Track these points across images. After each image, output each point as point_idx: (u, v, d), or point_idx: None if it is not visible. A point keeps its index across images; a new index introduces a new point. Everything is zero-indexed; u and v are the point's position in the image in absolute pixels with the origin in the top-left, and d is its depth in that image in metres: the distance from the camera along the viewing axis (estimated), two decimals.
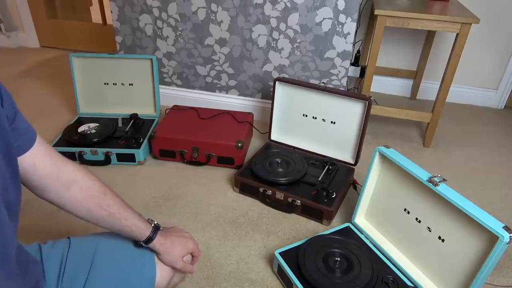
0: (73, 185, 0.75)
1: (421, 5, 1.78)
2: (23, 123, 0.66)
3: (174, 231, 0.90)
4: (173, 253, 0.85)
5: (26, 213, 1.36)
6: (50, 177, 0.71)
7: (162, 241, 0.84)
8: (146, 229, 0.82)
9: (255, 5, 1.80)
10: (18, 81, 2.52)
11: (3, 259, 0.60)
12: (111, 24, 2.40)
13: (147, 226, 0.83)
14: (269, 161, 1.57)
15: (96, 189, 0.78)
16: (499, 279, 1.23)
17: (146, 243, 0.82)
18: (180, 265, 0.86)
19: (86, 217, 0.77)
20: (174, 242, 0.86)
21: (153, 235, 0.82)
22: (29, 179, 0.69)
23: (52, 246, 0.82)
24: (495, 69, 2.31)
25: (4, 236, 0.59)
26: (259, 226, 1.39)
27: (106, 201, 0.78)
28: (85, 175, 0.77)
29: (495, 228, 0.87)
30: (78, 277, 0.78)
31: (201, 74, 2.08)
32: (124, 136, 1.73)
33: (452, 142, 1.99)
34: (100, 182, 0.80)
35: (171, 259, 0.85)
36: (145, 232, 0.82)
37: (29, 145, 0.68)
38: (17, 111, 0.64)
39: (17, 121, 0.64)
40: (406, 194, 1.14)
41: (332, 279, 1.06)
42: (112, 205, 0.78)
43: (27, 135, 0.67)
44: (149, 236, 0.82)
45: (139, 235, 0.81)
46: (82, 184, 0.76)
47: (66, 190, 0.74)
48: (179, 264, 0.86)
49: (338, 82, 1.89)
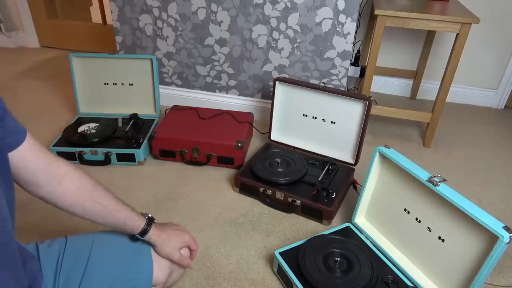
0: (64, 179, 0.75)
1: (421, 5, 1.78)
2: (13, 122, 0.67)
3: (169, 224, 0.91)
4: (169, 245, 0.85)
5: (25, 214, 1.36)
6: (41, 171, 0.72)
7: (157, 233, 0.84)
8: (140, 221, 0.82)
9: (255, 5, 1.80)
10: (18, 81, 2.52)
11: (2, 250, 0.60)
12: (111, 24, 2.40)
13: (140, 218, 0.83)
14: (269, 161, 1.57)
15: (87, 182, 0.78)
16: (499, 279, 1.23)
17: (141, 236, 0.82)
18: (177, 257, 0.86)
19: (79, 212, 0.77)
20: (170, 234, 0.87)
21: (147, 227, 0.83)
22: (21, 174, 0.70)
23: (49, 244, 0.82)
24: (495, 69, 2.31)
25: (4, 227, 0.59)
26: (259, 226, 1.39)
27: (98, 194, 0.78)
28: (75, 170, 0.78)
29: (495, 228, 0.87)
30: (75, 273, 0.78)
31: (201, 74, 2.08)
32: (124, 136, 1.73)
33: (452, 142, 1.99)
34: (90, 177, 0.80)
35: (167, 251, 0.85)
36: (139, 224, 0.82)
37: (20, 141, 0.68)
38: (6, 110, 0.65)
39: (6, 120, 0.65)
40: (406, 194, 1.14)
41: (332, 279, 1.06)
42: (104, 198, 0.79)
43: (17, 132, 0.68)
44: (144, 228, 0.82)
45: (133, 227, 0.82)
46: (73, 178, 0.76)
47: (58, 184, 0.74)
48: (176, 256, 0.86)
49: (338, 82, 1.89)
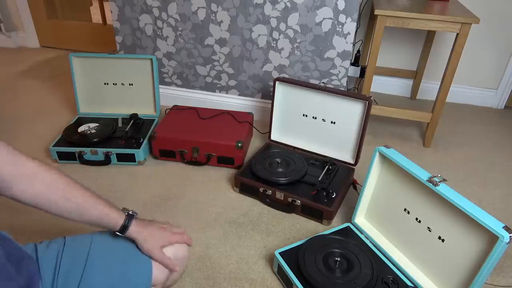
0: (35, 179, 0.74)
1: (421, 5, 1.78)
2: None
3: (155, 222, 0.90)
4: (151, 242, 0.84)
5: (22, 215, 1.36)
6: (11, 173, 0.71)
7: (138, 230, 0.83)
8: (118, 218, 0.81)
9: (255, 5, 1.80)
10: (18, 81, 2.52)
11: None
12: (111, 24, 2.40)
13: (119, 214, 0.82)
14: (269, 161, 1.57)
15: (61, 181, 0.77)
16: (499, 279, 1.23)
17: (121, 232, 0.82)
18: (158, 256, 0.84)
19: (53, 210, 0.77)
20: (153, 232, 0.85)
21: (127, 223, 0.82)
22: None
23: (48, 245, 0.82)
24: (495, 69, 2.31)
25: None
26: (259, 226, 1.39)
27: (72, 193, 0.77)
28: (47, 169, 0.77)
29: (495, 228, 0.87)
30: (73, 273, 0.78)
31: (201, 74, 2.08)
32: (124, 136, 1.73)
33: (452, 142, 1.99)
34: (63, 175, 0.79)
35: (147, 248, 0.83)
36: (117, 221, 0.81)
37: None
38: None
39: None
40: (406, 194, 1.14)
41: (332, 279, 1.06)
42: (78, 196, 0.78)
43: None
44: (123, 224, 0.81)
45: (111, 224, 0.81)
46: (45, 177, 0.75)
47: (29, 184, 0.73)
48: (156, 254, 0.84)
49: (338, 82, 1.89)
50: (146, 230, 0.84)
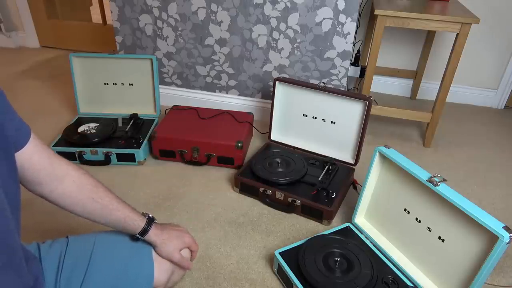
0: (66, 178, 0.76)
1: (421, 5, 1.78)
2: (18, 118, 0.68)
3: (170, 225, 0.92)
4: (170, 245, 0.85)
5: (26, 213, 1.36)
6: (45, 171, 0.72)
7: (157, 233, 0.84)
8: (140, 221, 0.83)
9: (255, 5, 1.80)
10: (18, 81, 2.52)
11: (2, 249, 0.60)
12: (111, 24, 2.40)
13: (140, 218, 0.83)
14: (269, 161, 1.57)
15: (88, 182, 0.79)
16: (499, 279, 1.23)
17: (141, 235, 0.83)
18: (177, 258, 0.86)
19: (79, 211, 0.78)
20: (170, 234, 0.87)
21: (147, 226, 0.83)
22: (25, 173, 0.70)
23: (51, 245, 0.82)
24: (495, 69, 2.31)
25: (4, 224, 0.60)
26: (259, 226, 1.39)
27: (98, 194, 0.79)
28: (76, 169, 0.79)
29: (495, 228, 0.87)
30: (76, 273, 0.78)
31: (201, 74, 2.08)
32: (124, 136, 1.73)
33: (452, 142, 1.99)
34: (91, 176, 0.81)
35: (168, 251, 0.85)
36: (139, 224, 0.82)
37: (25, 140, 0.69)
38: (9, 105, 0.66)
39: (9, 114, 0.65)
40: (406, 194, 1.14)
41: (332, 279, 1.06)
42: (104, 197, 0.79)
43: (22, 131, 0.68)
44: (144, 227, 0.82)
45: (133, 226, 0.82)
46: (74, 177, 0.77)
47: (60, 183, 0.75)
48: (176, 256, 0.86)
49: (338, 82, 1.89)
50: (165, 234, 0.86)
